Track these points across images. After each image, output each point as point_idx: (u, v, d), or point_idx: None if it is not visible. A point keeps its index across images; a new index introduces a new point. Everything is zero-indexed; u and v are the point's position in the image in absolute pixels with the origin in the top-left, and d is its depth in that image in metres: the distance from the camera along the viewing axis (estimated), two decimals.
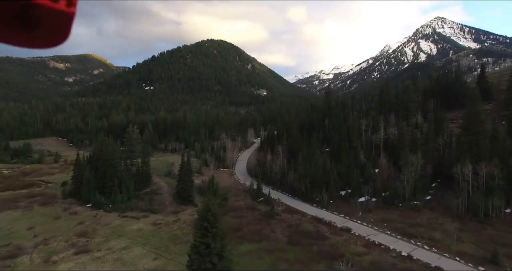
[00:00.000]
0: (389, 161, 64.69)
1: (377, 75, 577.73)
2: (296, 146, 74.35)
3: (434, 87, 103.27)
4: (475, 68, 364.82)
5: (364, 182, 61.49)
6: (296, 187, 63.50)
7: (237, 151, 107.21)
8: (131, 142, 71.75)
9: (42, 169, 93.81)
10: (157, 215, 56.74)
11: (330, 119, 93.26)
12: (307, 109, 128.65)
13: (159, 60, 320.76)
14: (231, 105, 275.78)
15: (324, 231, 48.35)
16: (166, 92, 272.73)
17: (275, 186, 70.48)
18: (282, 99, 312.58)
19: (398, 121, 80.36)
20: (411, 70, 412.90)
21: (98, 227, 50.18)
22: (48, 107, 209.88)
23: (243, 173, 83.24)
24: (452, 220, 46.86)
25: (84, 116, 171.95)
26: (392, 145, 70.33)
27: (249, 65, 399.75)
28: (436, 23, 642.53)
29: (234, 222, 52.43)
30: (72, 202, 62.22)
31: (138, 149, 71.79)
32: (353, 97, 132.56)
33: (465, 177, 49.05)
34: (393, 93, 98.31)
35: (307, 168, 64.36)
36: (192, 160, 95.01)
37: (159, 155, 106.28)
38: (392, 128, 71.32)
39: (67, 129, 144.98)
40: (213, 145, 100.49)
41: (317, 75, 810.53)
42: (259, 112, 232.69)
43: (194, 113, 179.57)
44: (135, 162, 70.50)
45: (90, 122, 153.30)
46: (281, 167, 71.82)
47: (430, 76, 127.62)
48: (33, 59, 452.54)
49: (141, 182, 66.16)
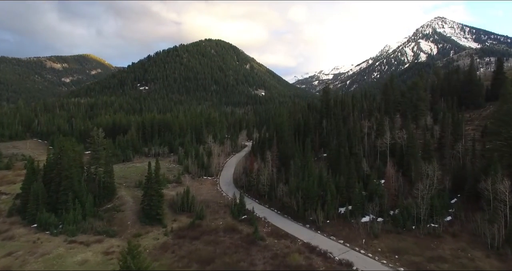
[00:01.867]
0: (398, 170, 53.25)
1: (377, 75, 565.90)
2: (288, 152, 62.99)
3: (443, 85, 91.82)
4: (478, 68, 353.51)
5: (368, 196, 49.99)
6: (286, 202, 52.11)
7: (226, 155, 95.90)
8: (95, 147, 60.38)
9: (6, 176, 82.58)
10: (113, 239, 45.39)
11: (328, 121, 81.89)
12: (303, 110, 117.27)
13: (155, 60, 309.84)
14: (228, 106, 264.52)
15: (318, 266, 36.96)
16: (161, 93, 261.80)
17: (262, 200, 59.05)
18: (281, 99, 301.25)
19: (406, 123, 68.91)
20: (412, 70, 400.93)
21: (30, 259, 38.84)
22: (35, 108, 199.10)
23: (228, 182, 71.84)
24: (486, 254, 35.35)
25: (70, 117, 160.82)
26: (400, 151, 58.90)
27: (247, 65, 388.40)
28: (436, 23, 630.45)
29: (206, 251, 41.14)
30: (16, 222, 50.92)
31: (103, 155, 60.32)
32: (353, 97, 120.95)
33: (500, 195, 37.56)
34: (398, 90, 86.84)
35: (299, 180, 52.99)
36: (173, 166, 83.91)
37: (140, 160, 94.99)
38: (400, 131, 59.80)
39: (49, 131, 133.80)
40: (198, 150, 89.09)
41: (316, 76, 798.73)
42: (256, 113, 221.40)
43: (185, 114, 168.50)
44: (99, 171, 59.16)
45: (75, 124, 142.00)
46: (270, 176, 60.45)
47: (437, 73, 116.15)
48: (30, 59, 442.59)
49: (103, 196, 54.79)
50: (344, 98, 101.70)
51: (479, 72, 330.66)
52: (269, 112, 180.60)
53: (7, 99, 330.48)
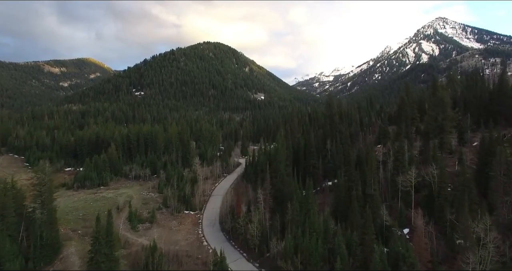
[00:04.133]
0: (428, 222, 39.47)
1: (378, 76, 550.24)
2: (285, 189, 49.33)
3: (466, 95, 77.77)
4: (483, 69, 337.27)
5: (391, 260, 36.20)
6: (282, 267, 38.39)
7: (215, 178, 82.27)
8: (40, 187, 46.52)
9: None
10: None
11: (333, 141, 68.03)
12: (304, 122, 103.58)
13: (151, 64, 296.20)
14: (226, 111, 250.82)
15: None
16: (156, 98, 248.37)
17: (252, 255, 45.20)
18: (281, 103, 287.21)
19: (428, 147, 54.95)
20: (414, 71, 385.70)
21: None
22: (22, 117, 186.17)
23: (213, 220, 58.08)
24: None
25: (54, 128, 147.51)
26: (428, 191, 45.11)
27: (246, 68, 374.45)
28: (437, 24, 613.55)
29: None
30: None
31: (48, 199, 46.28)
32: (359, 107, 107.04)
33: None
34: (416, 104, 72.73)
35: (298, 235, 39.30)
36: (151, 196, 70.37)
37: (118, 184, 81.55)
38: (429, 167, 45.83)
39: (27, 145, 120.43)
40: (182, 174, 75.46)
41: (317, 77, 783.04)
42: (255, 119, 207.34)
43: (177, 123, 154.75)
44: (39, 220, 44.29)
45: (57, 136, 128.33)
46: (262, 222, 46.71)
47: (453, 80, 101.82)
48: (27, 64, 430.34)
49: (39, 259, 40.68)
50: (350, 112, 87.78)
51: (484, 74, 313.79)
52: (268, 120, 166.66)
53: (1, 105, 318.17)
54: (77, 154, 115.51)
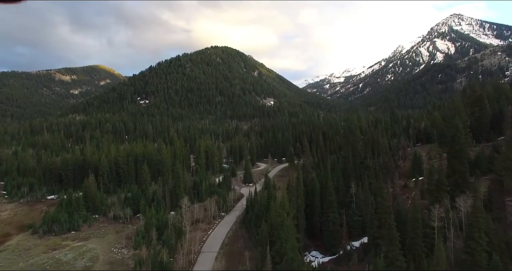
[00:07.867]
0: None
1: (391, 77, 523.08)
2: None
3: None
4: (508, 67, 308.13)
5: None
6: None
7: (210, 221, 64.83)
8: None
9: None
10: None
11: (358, 184, 49.67)
12: (317, 142, 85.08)
13: (157, 71, 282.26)
14: (233, 119, 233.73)
15: None
16: (161, 107, 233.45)
17: None
18: (291, 109, 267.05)
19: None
20: (430, 71, 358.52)
21: None
22: (19, 131, 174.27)
23: None
24: None
25: (44, 146, 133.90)
26: None
27: (255, 72, 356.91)
28: (452, 21, 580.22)
29: None
30: None
31: None
32: (380, 122, 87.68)
33: None
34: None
35: None
36: (122, 256, 53.35)
37: (90, 230, 64.90)
38: None
39: (8, 169, 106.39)
40: (166, 221, 58.46)
41: (327, 79, 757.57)
42: (263, 128, 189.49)
43: (179, 135, 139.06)
44: None
45: (44, 158, 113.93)
46: None
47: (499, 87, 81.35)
48: (39, 73, 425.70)
49: None
50: (374, 135, 68.67)
51: (509, 73, 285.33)
52: (277, 133, 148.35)
53: (11, 115, 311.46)
54: (62, 179, 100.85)
